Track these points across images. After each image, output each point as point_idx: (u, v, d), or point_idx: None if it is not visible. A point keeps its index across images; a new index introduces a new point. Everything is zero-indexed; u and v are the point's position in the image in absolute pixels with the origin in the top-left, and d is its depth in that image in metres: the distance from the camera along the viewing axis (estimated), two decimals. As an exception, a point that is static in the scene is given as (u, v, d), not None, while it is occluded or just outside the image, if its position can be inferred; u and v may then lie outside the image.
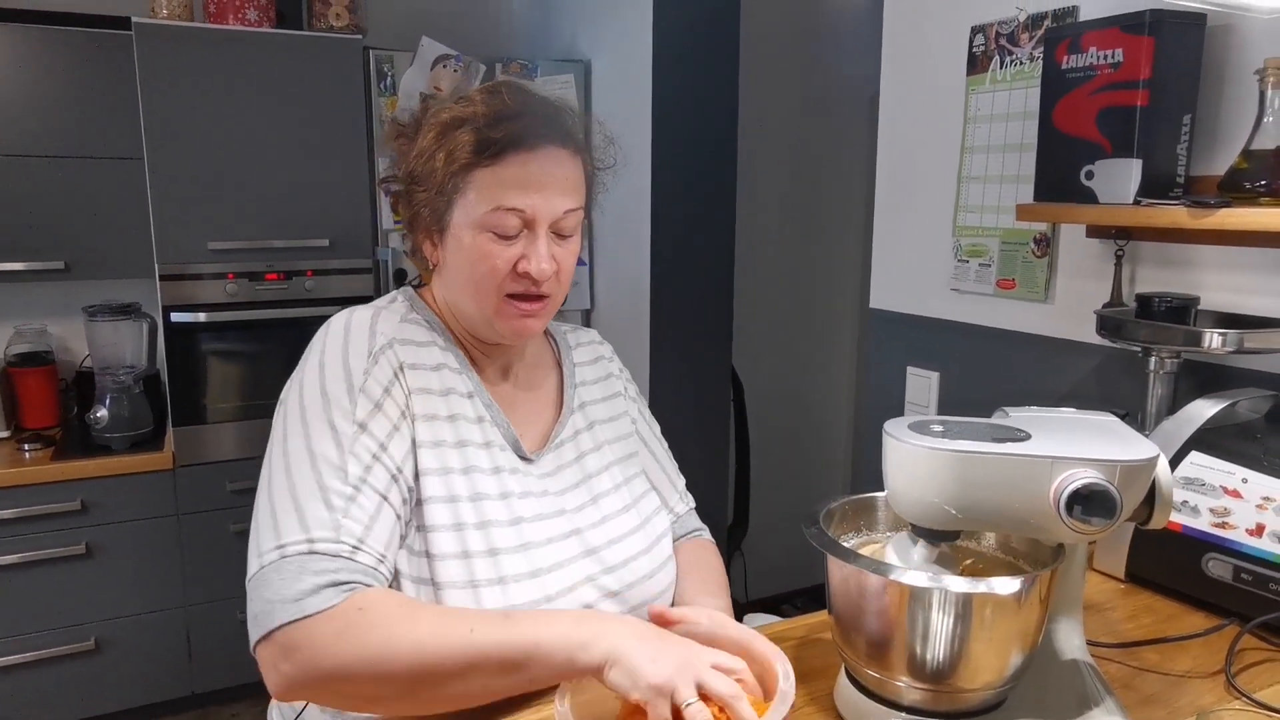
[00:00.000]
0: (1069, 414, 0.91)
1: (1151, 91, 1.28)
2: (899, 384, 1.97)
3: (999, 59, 1.68)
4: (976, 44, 1.72)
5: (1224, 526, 1.08)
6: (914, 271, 1.92)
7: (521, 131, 0.95)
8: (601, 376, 1.18)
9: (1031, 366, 1.68)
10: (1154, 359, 1.32)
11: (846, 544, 0.91)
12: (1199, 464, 1.14)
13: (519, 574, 0.94)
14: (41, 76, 2.39)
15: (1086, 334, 1.50)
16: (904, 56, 1.92)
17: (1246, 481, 1.09)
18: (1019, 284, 1.68)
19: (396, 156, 1.04)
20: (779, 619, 1.15)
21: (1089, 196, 1.35)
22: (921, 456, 0.79)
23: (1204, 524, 1.09)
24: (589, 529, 1.03)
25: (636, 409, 1.21)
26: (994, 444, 0.79)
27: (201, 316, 2.47)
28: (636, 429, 1.19)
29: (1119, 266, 1.48)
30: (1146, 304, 1.34)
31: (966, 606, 0.78)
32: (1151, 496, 0.81)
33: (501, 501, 0.97)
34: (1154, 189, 1.31)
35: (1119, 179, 1.31)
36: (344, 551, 0.83)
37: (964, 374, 1.83)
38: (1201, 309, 1.33)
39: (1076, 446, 0.78)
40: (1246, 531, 1.06)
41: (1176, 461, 1.16)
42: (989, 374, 1.77)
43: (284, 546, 0.83)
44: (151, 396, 2.61)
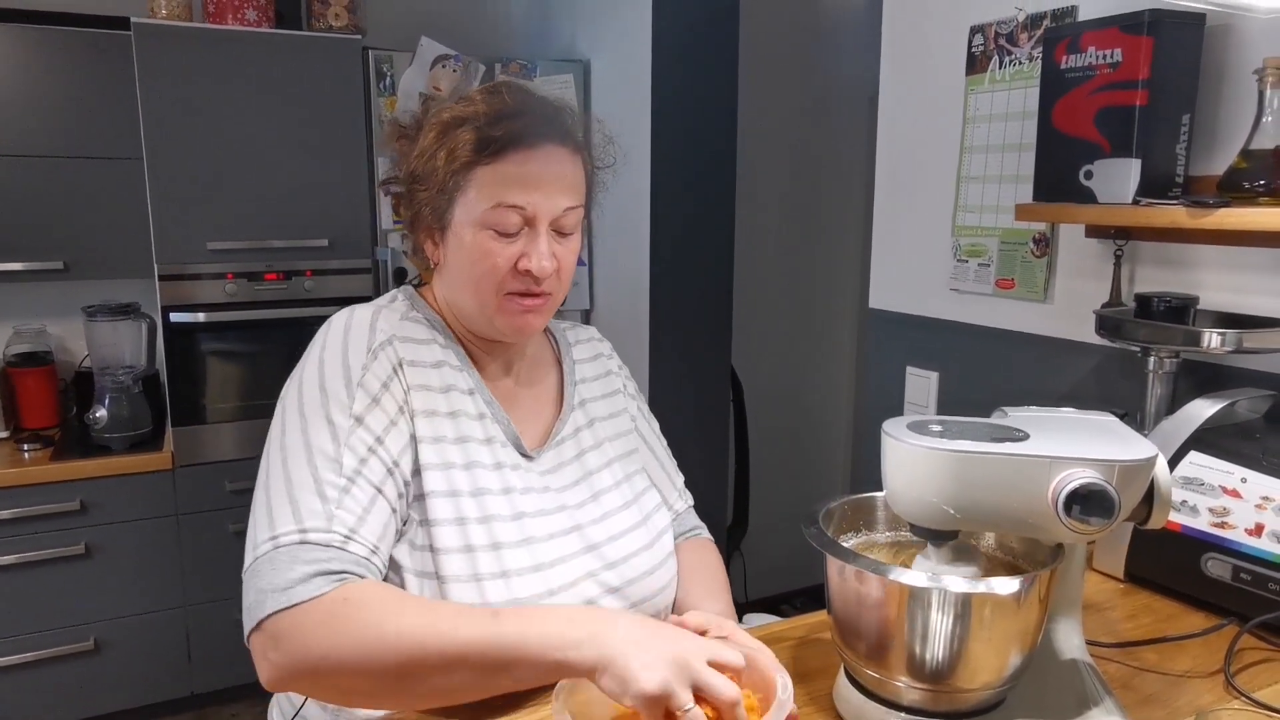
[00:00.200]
0: (1068, 414, 0.91)
1: (1150, 91, 1.28)
2: (898, 384, 1.97)
3: (998, 59, 1.68)
4: (976, 44, 1.72)
5: (1223, 526, 1.08)
6: (913, 271, 1.92)
7: (522, 130, 0.95)
8: (601, 374, 1.18)
9: (1030, 366, 1.68)
10: (1153, 359, 1.32)
11: (846, 544, 0.91)
12: (1198, 464, 1.14)
13: (522, 568, 0.94)
14: (41, 76, 2.38)
15: (1085, 334, 1.50)
16: (903, 56, 1.92)
17: (1245, 481, 1.09)
18: (1018, 284, 1.68)
19: (397, 157, 1.05)
20: (778, 619, 1.15)
21: (1088, 196, 1.35)
22: (920, 456, 0.79)
23: (1203, 524, 1.10)
24: (590, 525, 1.03)
25: (636, 406, 1.22)
26: (993, 444, 0.79)
27: (201, 316, 2.47)
28: (636, 426, 1.19)
29: (1118, 266, 1.48)
30: (1145, 304, 1.34)
31: (966, 606, 0.78)
32: (1150, 496, 0.81)
33: (504, 497, 0.97)
34: (1153, 189, 1.31)
35: (1118, 179, 1.31)
36: (335, 541, 0.83)
37: (963, 374, 1.83)
38: (1200, 309, 1.33)
39: (1075, 446, 0.78)
40: (1245, 531, 1.06)
41: (1175, 461, 1.16)
42: (988, 374, 1.77)
43: (277, 538, 0.83)
44: (151, 396, 2.61)
